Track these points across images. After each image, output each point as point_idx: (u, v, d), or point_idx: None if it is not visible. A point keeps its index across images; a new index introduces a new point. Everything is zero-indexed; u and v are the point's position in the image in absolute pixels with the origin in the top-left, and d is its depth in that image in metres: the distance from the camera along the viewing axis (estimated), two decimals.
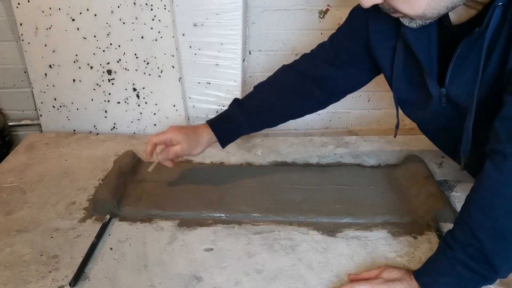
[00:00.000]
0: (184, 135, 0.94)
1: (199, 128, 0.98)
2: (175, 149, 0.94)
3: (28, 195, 1.03)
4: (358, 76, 0.98)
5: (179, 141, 0.94)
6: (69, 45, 1.30)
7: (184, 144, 0.94)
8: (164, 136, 0.95)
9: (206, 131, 0.98)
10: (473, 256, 0.67)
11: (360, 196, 1.00)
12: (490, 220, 0.66)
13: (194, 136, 0.96)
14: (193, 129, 0.98)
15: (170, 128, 0.95)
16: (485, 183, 0.69)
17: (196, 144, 0.96)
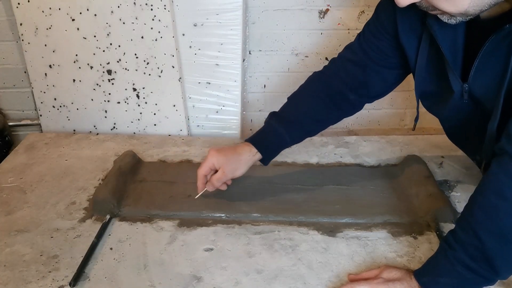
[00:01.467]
0: (224, 157, 0.92)
1: (239, 147, 0.94)
2: (218, 176, 0.92)
3: (28, 195, 1.03)
4: (389, 75, 0.94)
5: (220, 165, 0.92)
6: (69, 45, 1.30)
7: (226, 167, 0.91)
8: (207, 164, 0.92)
9: (246, 149, 0.94)
10: (474, 256, 0.67)
11: (360, 196, 1.00)
12: (493, 221, 0.66)
13: (234, 156, 0.93)
14: (233, 149, 0.94)
15: (210, 152, 0.93)
16: (490, 184, 0.68)
17: (237, 165, 0.93)
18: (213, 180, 0.92)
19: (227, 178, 0.93)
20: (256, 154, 0.94)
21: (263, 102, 1.48)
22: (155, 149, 1.22)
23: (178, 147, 1.23)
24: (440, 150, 1.19)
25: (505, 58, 0.68)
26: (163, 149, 1.22)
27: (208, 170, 0.93)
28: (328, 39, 1.37)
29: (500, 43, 0.69)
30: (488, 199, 0.67)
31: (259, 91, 1.46)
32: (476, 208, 0.69)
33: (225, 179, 0.93)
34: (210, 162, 0.92)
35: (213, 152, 0.92)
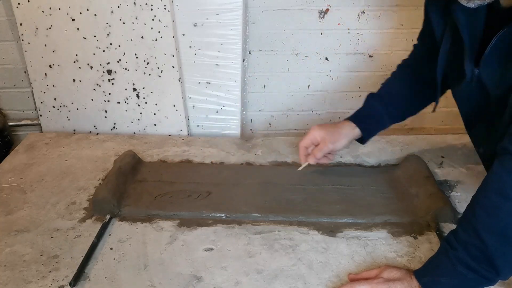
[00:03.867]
0: (325, 130, 0.98)
1: (339, 123, 1.00)
2: (320, 147, 0.97)
3: (28, 195, 1.03)
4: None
5: (322, 137, 0.97)
6: (69, 45, 1.30)
7: (327, 138, 0.97)
8: (309, 138, 0.99)
9: (346, 124, 0.99)
10: (475, 256, 0.67)
11: (360, 196, 1.00)
12: (495, 220, 0.66)
13: (335, 130, 0.98)
14: (334, 124, 1.00)
15: (312, 127, 0.99)
16: (492, 183, 0.68)
17: (338, 137, 0.98)
18: (314, 151, 0.98)
19: (328, 149, 0.97)
20: (355, 129, 0.99)
21: (263, 102, 1.48)
22: (155, 149, 1.22)
23: (178, 147, 1.23)
24: (440, 150, 1.19)
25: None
26: (163, 149, 1.22)
27: (309, 143, 0.99)
28: (328, 39, 1.37)
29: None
30: (490, 198, 0.67)
31: (259, 91, 1.46)
32: (478, 208, 0.69)
33: (326, 150, 0.97)
34: (312, 135, 0.98)
35: (315, 127, 0.99)
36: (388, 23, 1.35)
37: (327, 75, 1.44)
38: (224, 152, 1.20)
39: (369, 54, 1.40)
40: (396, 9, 1.33)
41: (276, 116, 1.51)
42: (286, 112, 1.50)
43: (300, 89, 1.46)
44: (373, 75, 1.44)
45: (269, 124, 1.52)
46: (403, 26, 1.36)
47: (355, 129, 0.99)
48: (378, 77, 1.44)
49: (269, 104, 1.48)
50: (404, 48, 1.40)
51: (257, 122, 1.52)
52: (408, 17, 1.34)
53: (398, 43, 1.39)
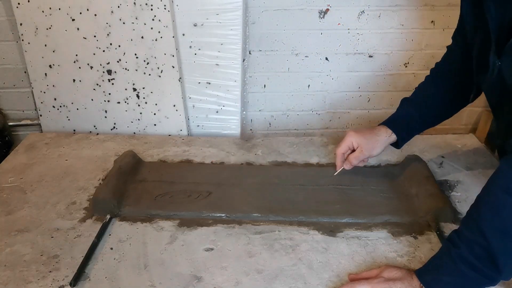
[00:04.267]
0: (362, 137, 0.97)
1: (376, 129, 0.99)
2: (356, 154, 0.98)
3: (28, 195, 1.03)
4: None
5: (359, 144, 0.97)
6: (69, 45, 1.30)
7: (364, 146, 0.97)
8: (345, 143, 0.98)
9: (382, 130, 0.98)
10: (478, 255, 0.67)
11: (360, 196, 1.00)
12: (500, 218, 0.66)
13: (371, 137, 0.98)
14: (370, 130, 0.99)
15: (348, 133, 0.98)
16: (498, 181, 0.68)
17: (375, 144, 0.97)
18: (351, 158, 0.98)
19: (364, 156, 0.98)
20: (391, 135, 0.98)
21: (263, 102, 1.48)
22: (155, 149, 1.22)
23: (178, 147, 1.23)
24: (440, 150, 1.19)
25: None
26: (163, 149, 1.22)
27: (346, 149, 0.99)
28: (328, 39, 1.37)
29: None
30: (495, 196, 0.68)
31: (259, 91, 1.46)
32: (483, 206, 0.69)
33: (362, 158, 0.98)
34: (349, 141, 0.98)
35: (352, 133, 0.98)
36: (388, 23, 1.35)
37: (327, 75, 1.44)
38: (224, 152, 1.20)
39: (369, 54, 1.40)
40: (396, 9, 1.33)
41: (276, 116, 1.51)
42: (286, 112, 1.50)
43: (300, 89, 1.46)
44: (373, 75, 1.44)
45: (269, 124, 1.52)
46: (403, 26, 1.36)
47: (392, 135, 0.98)
48: (378, 77, 1.45)
49: (269, 104, 1.48)
50: (404, 48, 1.40)
51: (257, 122, 1.52)
52: (408, 17, 1.35)
53: (398, 43, 1.39)
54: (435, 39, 1.38)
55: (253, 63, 1.41)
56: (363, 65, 1.42)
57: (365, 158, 1.00)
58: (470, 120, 1.53)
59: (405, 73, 1.44)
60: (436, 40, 1.38)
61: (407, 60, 1.42)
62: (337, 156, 1.00)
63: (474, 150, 1.19)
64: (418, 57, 1.42)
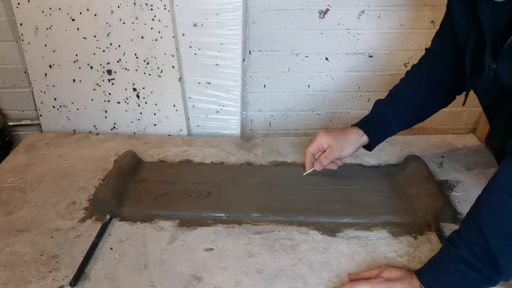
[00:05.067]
0: (332, 137, 0.97)
1: (347, 130, 0.99)
2: (326, 154, 0.98)
3: (28, 195, 1.03)
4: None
5: (329, 144, 0.97)
6: (69, 45, 1.30)
7: (334, 146, 0.97)
8: (316, 144, 0.99)
9: (354, 131, 0.98)
10: (478, 255, 0.67)
11: (360, 196, 1.00)
12: (500, 219, 0.66)
13: (342, 137, 0.97)
14: (341, 130, 0.99)
15: (319, 133, 0.99)
16: (498, 182, 0.68)
17: (345, 145, 0.97)
18: (321, 158, 0.99)
19: (335, 156, 0.97)
20: (362, 136, 0.98)
21: (263, 102, 1.48)
22: (155, 149, 1.22)
23: (178, 147, 1.23)
24: (440, 150, 1.19)
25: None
26: (163, 149, 1.22)
27: (316, 150, 1.00)
28: (328, 39, 1.37)
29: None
30: (496, 197, 0.68)
31: (259, 91, 1.46)
32: (483, 206, 0.69)
33: (332, 158, 0.98)
34: (318, 142, 0.98)
35: (322, 133, 0.99)
36: (388, 23, 1.35)
37: (327, 75, 1.44)
38: (224, 152, 1.20)
39: (369, 54, 1.40)
40: (396, 9, 1.33)
41: (276, 116, 1.51)
42: (286, 112, 1.50)
43: (300, 89, 1.46)
44: (373, 75, 1.44)
45: (269, 124, 1.52)
46: (403, 26, 1.36)
47: (363, 136, 0.98)
48: (378, 77, 1.45)
49: (269, 104, 1.48)
50: (404, 48, 1.40)
51: (257, 122, 1.52)
52: (408, 17, 1.35)
53: (398, 43, 1.39)
54: None
55: (253, 63, 1.41)
56: (363, 65, 1.42)
57: (337, 160, 1.00)
58: (470, 120, 1.53)
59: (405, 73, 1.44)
60: None
61: (407, 60, 1.42)
62: (307, 155, 1.01)
63: (474, 150, 1.19)
64: (418, 57, 1.39)
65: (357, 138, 0.97)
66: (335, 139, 0.97)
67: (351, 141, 0.97)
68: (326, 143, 0.97)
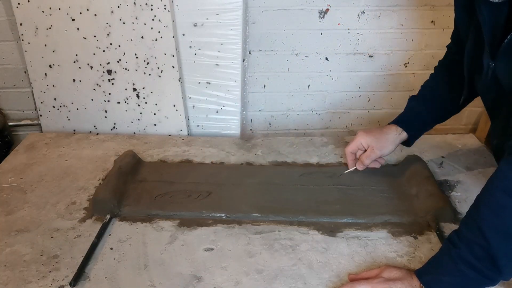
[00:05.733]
0: (372, 137, 0.98)
1: (386, 128, 1.00)
2: (367, 153, 0.99)
3: (28, 195, 1.03)
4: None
5: (369, 144, 0.98)
6: (69, 45, 1.30)
7: (375, 145, 0.98)
8: (355, 144, 1.00)
9: (392, 128, 1.00)
10: (478, 255, 0.67)
11: (360, 196, 1.00)
12: (500, 219, 0.66)
13: (381, 136, 0.99)
14: (379, 129, 1.01)
15: (358, 133, 1.00)
16: (498, 182, 0.68)
17: (385, 143, 0.99)
18: (362, 158, 1.00)
19: (376, 156, 0.99)
20: (402, 133, 1.00)
21: (263, 102, 1.48)
22: (155, 149, 1.22)
23: (178, 147, 1.23)
24: (440, 150, 1.19)
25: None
26: (163, 149, 1.22)
27: (355, 149, 1.01)
28: (328, 39, 1.37)
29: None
30: (495, 197, 0.68)
31: (259, 91, 1.46)
32: (483, 206, 0.69)
33: (374, 157, 0.99)
34: (358, 142, 0.99)
35: (362, 133, 1.00)
36: (388, 23, 1.35)
37: (327, 75, 1.44)
38: (224, 152, 1.20)
39: (369, 54, 1.40)
40: (396, 9, 1.33)
41: (276, 116, 1.51)
42: (286, 112, 1.50)
43: (300, 89, 1.46)
44: (373, 75, 1.44)
45: (269, 124, 1.52)
46: (403, 26, 1.36)
47: (402, 133, 0.99)
48: (378, 77, 1.45)
49: (269, 104, 1.48)
50: (404, 48, 1.40)
51: (257, 122, 1.52)
52: (408, 17, 1.35)
53: (398, 43, 1.39)
54: (435, 39, 1.38)
55: (253, 63, 1.41)
56: (363, 65, 1.42)
57: (379, 158, 1.01)
58: (470, 120, 1.53)
59: (405, 73, 1.44)
60: (436, 40, 1.38)
61: (407, 60, 1.42)
62: (347, 155, 1.02)
63: (474, 150, 1.19)
64: (418, 57, 1.42)
65: (396, 136, 0.99)
66: (375, 138, 0.98)
67: (390, 140, 0.99)
68: (366, 143, 0.99)
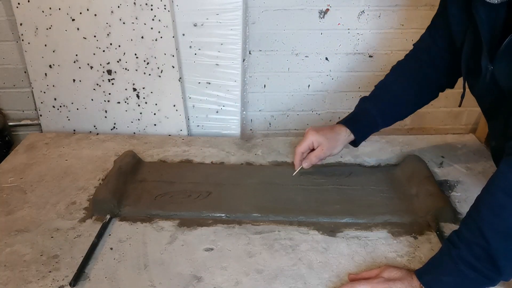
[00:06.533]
0: (323, 136, 0.97)
1: (336, 128, 1.00)
2: (316, 153, 0.98)
3: (28, 195, 1.03)
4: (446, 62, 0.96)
5: (320, 143, 0.97)
6: (69, 45, 1.30)
7: (325, 145, 0.97)
8: (306, 143, 0.98)
9: (342, 129, 0.99)
10: (478, 255, 0.67)
11: (360, 196, 1.00)
12: (500, 220, 0.66)
13: (332, 136, 0.98)
14: (330, 129, 1.00)
15: (309, 131, 0.98)
16: (498, 182, 0.68)
17: (335, 144, 0.98)
18: (311, 156, 0.98)
19: (325, 156, 0.98)
20: (350, 135, 0.99)
21: (263, 102, 1.48)
22: (155, 149, 1.22)
23: (178, 147, 1.23)
24: (440, 150, 1.19)
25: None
26: (163, 149, 1.22)
27: (306, 148, 0.99)
28: (328, 39, 1.37)
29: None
30: (496, 197, 0.67)
31: (259, 91, 1.46)
32: (483, 207, 0.69)
33: (323, 157, 0.98)
34: (309, 141, 0.98)
35: (312, 132, 0.98)
36: (388, 23, 1.35)
37: (327, 75, 1.44)
38: (224, 152, 1.20)
39: (369, 54, 1.40)
40: (396, 9, 1.33)
41: (276, 116, 1.51)
42: (286, 112, 1.50)
43: (300, 89, 1.46)
44: (373, 75, 1.44)
45: (269, 124, 1.52)
46: (403, 26, 1.36)
47: (350, 135, 0.99)
48: (378, 77, 1.43)
49: (269, 104, 1.48)
50: (404, 48, 1.39)
51: (257, 122, 1.52)
52: (408, 17, 1.35)
53: (398, 43, 1.39)
54: None
55: (253, 63, 1.41)
56: (363, 65, 1.42)
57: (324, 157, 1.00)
58: (470, 120, 1.53)
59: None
60: None
61: None
62: (297, 154, 1.00)
63: (474, 150, 1.19)
64: None
65: (345, 137, 0.99)
66: (326, 138, 0.97)
67: (340, 140, 0.98)
68: (317, 142, 0.97)
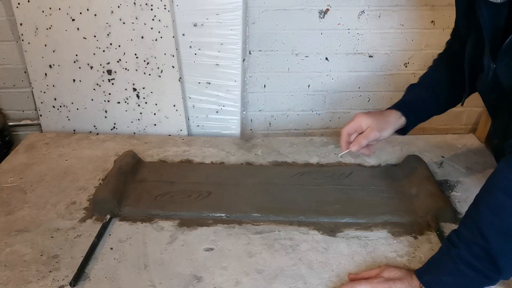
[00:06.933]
0: (372, 118, 0.92)
1: (386, 111, 0.96)
2: (366, 133, 0.92)
3: (28, 195, 1.03)
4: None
5: (369, 124, 0.92)
6: (69, 45, 1.30)
7: (374, 126, 0.92)
8: (354, 124, 0.93)
9: (393, 112, 0.95)
10: (478, 255, 0.67)
11: (360, 196, 1.00)
12: (499, 219, 0.66)
13: (382, 118, 0.94)
14: (379, 112, 0.96)
15: (358, 115, 0.94)
16: (497, 182, 0.68)
17: (385, 125, 0.93)
18: (359, 138, 0.92)
19: (375, 137, 0.92)
20: (401, 118, 0.95)
21: (263, 102, 1.48)
22: (155, 149, 1.22)
23: (178, 147, 1.23)
24: (440, 150, 1.19)
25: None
26: (163, 149, 1.22)
27: (353, 130, 0.93)
28: (328, 39, 1.37)
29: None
30: (495, 197, 0.67)
31: (259, 91, 1.46)
32: (482, 206, 0.69)
33: (372, 138, 0.92)
34: (357, 122, 0.93)
35: (361, 114, 0.93)
36: (388, 23, 1.35)
37: (327, 75, 1.44)
38: (224, 152, 1.20)
39: (369, 54, 1.40)
40: (396, 9, 1.33)
41: (276, 116, 1.51)
42: (286, 112, 1.50)
43: (300, 89, 1.46)
44: (373, 75, 1.44)
45: (269, 124, 1.52)
46: (403, 26, 1.36)
47: (401, 118, 0.95)
48: (378, 77, 1.45)
49: (269, 104, 1.48)
50: (404, 48, 1.40)
51: (257, 122, 1.52)
52: (408, 17, 1.35)
53: (398, 43, 1.39)
54: (435, 39, 1.38)
55: (253, 63, 1.41)
56: (363, 65, 1.42)
57: (370, 146, 0.96)
58: (470, 120, 1.53)
59: (405, 73, 1.44)
60: (436, 40, 1.38)
61: (407, 60, 1.42)
62: (343, 135, 0.94)
63: (474, 150, 1.19)
64: (418, 57, 1.42)
65: (396, 120, 0.95)
66: (375, 119, 0.93)
67: (390, 122, 0.94)
68: (366, 124, 0.92)
